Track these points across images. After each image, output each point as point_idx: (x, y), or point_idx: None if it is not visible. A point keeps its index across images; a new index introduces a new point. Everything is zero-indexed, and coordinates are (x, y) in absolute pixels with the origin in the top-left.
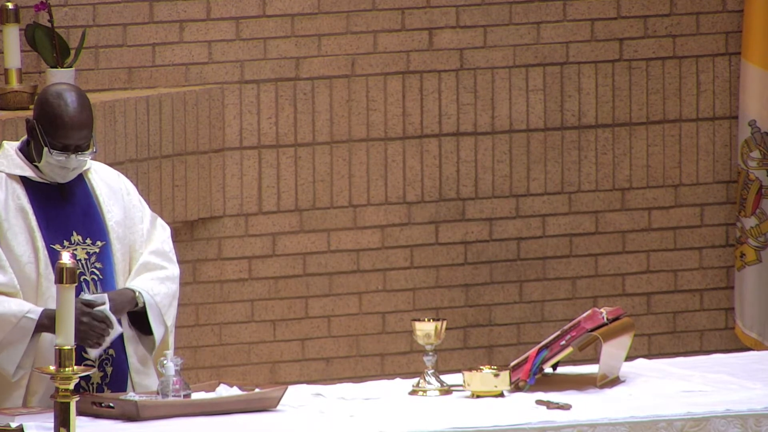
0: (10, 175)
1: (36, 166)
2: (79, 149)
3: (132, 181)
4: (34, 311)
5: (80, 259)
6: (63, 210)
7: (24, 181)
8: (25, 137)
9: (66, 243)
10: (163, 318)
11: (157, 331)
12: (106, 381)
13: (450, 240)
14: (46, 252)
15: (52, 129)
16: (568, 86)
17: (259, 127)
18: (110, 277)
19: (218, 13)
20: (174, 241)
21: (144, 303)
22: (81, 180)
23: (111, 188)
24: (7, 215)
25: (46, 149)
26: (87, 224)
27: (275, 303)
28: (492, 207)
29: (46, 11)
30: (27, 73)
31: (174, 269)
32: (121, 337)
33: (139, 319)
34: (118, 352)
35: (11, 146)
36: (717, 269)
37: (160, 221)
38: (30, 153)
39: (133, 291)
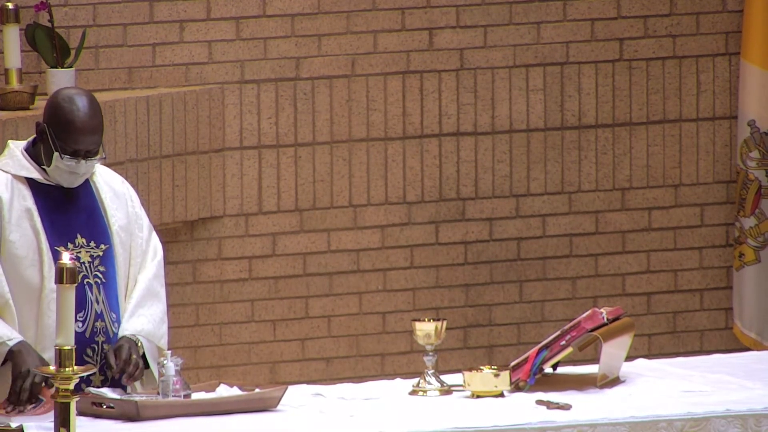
0: (15, 176)
1: (43, 168)
2: (89, 155)
3: (132, 181)
4: (14, 339)
5: (84, 262)
6: (68, 212)
7: (30, 182)
8: (32, 137)
9: (70, 245)
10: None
11: (154, 366)
12: (106, 384)
13: (450, 240)
14: (50, 254)
15: (63, 134)
16: (568, 86)
17: (259, 127)
18: (113, 281)
19: (218, 13)
20: (174, 241)
21: (144, 349)
22: (86, 183)
23: (115, 193)
24: (11, 216)
25: (56, 154)
26: (91, 227)
27: (275, 303)
28: (492, 207)
29: (46, 11)
30: (27, 73)
31: (164, 297)
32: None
33: None
34: None
35: (17, 146)
36: (717, 269)
37: (154, 236)
38: (37, 154)
39: (136, 341)
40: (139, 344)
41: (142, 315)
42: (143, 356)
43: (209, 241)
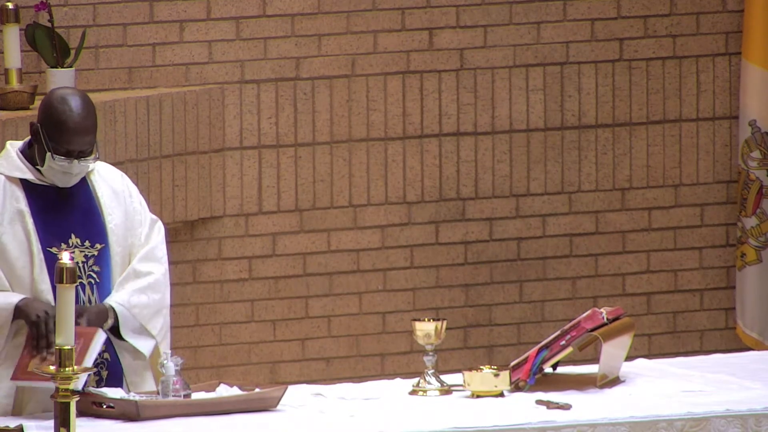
0: (9, 178)
1: (38, 169)
2: (82, 155)
3: (132, 181)
4: (18, 297)
5: (77, 262)
6: (62, 212)
7: (24, 183)
8: (28, 138)
9: (63, 246)
10: (147, 329)
11: (139, 343)
12: (102, 384)
13: (450, 240)
14: (41, 256)
15: (56, 134)
16: (568, 86)
17: (259, 127)
18: (107, 281)
19: (218, 13)
20: (174, 241)
21: (117, 318)
22: (83, 181)
23: (113, 190)
24: (2, 219)
25: (49, 154)
26: (87, 227)
27: (275, 303)
28: (492, 207)
29: (46, 11)
30: (27, 73)
31: (160, 271)
32: (110, 341)
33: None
34: (112, 356)
35: (13, 147)
36: (717, 269)
37: (158, 225)
38: (33, 155)
39: (108, 307)
40: (110, 318)
41: (121, 289)
42: (116, 328)
43: (209, 241)
